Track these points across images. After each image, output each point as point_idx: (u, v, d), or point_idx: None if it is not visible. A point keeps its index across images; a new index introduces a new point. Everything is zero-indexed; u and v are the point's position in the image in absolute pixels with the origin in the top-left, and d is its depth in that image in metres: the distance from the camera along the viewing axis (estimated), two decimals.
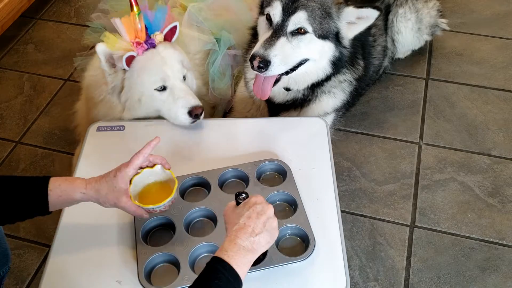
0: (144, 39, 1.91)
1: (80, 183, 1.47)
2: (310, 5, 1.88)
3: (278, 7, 1.88)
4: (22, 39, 3.05)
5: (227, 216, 1.40)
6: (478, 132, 2.45)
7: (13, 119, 2.59)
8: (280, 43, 1.87)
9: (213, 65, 2.33)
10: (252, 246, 1.29)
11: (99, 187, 1.48)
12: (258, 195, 1.41)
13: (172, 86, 1.93)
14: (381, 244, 2.05)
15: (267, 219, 1.34)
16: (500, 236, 2.07)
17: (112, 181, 1.47)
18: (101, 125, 2.00)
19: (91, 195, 1.48)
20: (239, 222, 1.32)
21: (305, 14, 1.87)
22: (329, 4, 1.91)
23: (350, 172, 2.30)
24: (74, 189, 1.46)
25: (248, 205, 1.36)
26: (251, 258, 1.29)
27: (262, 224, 1.32)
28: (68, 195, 1.45)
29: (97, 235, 1.66)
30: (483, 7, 3.13)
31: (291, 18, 1.87)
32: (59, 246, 1.63)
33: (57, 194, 1.44)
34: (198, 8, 2.37)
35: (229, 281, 1.22)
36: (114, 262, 1.59)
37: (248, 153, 1.88)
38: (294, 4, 1.87)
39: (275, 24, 1.89)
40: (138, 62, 1.90)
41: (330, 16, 1.91)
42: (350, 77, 2.15)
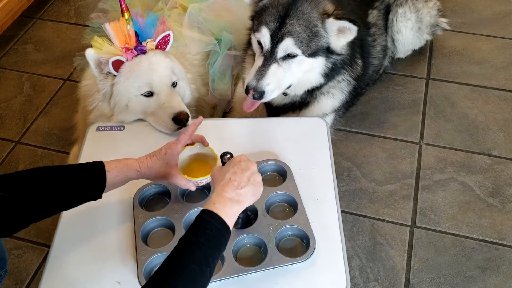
0: (134, 45, 1.91)
1: (133, 163, 1.59)
2: (295, 30, 1.88)
3: (266, 35, 1.90)
4: (22, 39, 3.04)
5: (215, 175, 1.50)
6: (478, 132, 2.45)
7: (13, 119, 2.59)
8: (271, 70, 1.91)
9: (213, 66, 2.32)
10: (238, 198, 1.39)
11: (152, 164, 1.60)
12: (242, 154, 1.51)
13: (159, 92, 1.93)
14: (382, 244, 2.05)
15: (251, 174, 1.44)
16: (501, 236, 2.07)
17: (163, 157, 1.61)
18: (101, 125, 2.00)
19: (145, 172, 1.59)
20: (225, 178, 1.42)
21: (292, 40, 1.89)
22: (315, 22, 1.91)
23: (350, 172, 2.29)
24: (129, 168, 1.57)
25: (233, 163, 1.46)
26: (237, 209, 1.39)
27: (246, 178, 1.42)
28: (124, 174, 1.56)
29: (97, 235, 1.66)
30: (483, 7, 3.12)
31: (279, 45, 1.89)
32: (59, 246, 1.63)
33: (114, 175, 1.53)
34: (198, 9, 2.37)
35: (219, 229, 1.31)
36: (114, 263, 1.59)
37: (248, 153, 1.86)
38: (280, 31, 1.89)
39: (265, 51, 1.92)
40: (126, 67, 1.91)
41: (317, 34, 1.92)
42: (348, 76, 2.15)
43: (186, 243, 1.28)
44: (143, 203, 1.74)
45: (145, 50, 1.93)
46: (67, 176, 1.47)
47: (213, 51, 2.35)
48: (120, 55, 1.89)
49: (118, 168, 1.54)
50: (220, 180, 1.43)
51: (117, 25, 1.87)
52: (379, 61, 2.47)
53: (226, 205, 1.36)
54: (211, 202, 1.36)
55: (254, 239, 1.60)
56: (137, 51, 1.92)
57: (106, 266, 1.58)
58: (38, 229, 2.12)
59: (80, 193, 1.50)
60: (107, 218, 1.70)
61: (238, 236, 1.59)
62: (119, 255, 1.60)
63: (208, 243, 1.28)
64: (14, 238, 2.09)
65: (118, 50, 1.89)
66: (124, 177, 1.56)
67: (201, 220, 1.32)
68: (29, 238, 2.10)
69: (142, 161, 1.60)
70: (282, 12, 1.90)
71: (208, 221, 1.31)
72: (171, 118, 1.91)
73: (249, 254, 1.60)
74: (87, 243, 1.64)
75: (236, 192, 1.39)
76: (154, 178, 1.64)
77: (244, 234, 1.60)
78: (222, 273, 1.51)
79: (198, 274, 1.24)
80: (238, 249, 1.60)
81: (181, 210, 1.68)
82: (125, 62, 1.91)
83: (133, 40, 1.91)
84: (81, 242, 1.64)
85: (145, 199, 1.76)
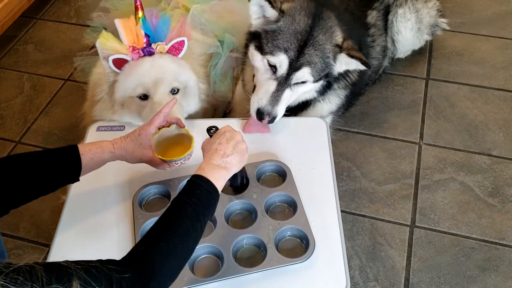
0: (142, 46, 1.87)
1: (107, 144, 1.61)
2: (313, 61, 1.91)
3: (285, 62, 1.90)
4: (22, 39, 3.04)
5: (203, 147, 1.58)
6: (478, 132, 2.45)
7: (13, 119, 2.59)
8: (285, 96, 1.93)
9: (215, 68, 2.31)
10: (225, 165, 1.47)
11: (126, 145, 1.63)
12: (227, 125, 1.60)
13: (154, 97, 1.87)
14: (381, 244, 2.05)
15: (236, 143, 1.53)
16: (500, 236, 2.07)
17: (137, 138, 1.64)
18: (101, 125, 2.00)
19: (119, 153, 1.63)
20: (212, 148, 1.51)
21: (309, 70, 1.91)
22: (328, 53, 1.93)
23: (350, 172, 2.30)
24: (104, 150, 1.60)
25: (219, 134, 1.55)
26: (225, 175, 1.47)
27: (232, 147, 1.51)
28: (99, 157, 1.59)
29: (97, 235, 1.66)
30: (483, 7, 3.13)
31: (295, 73, 1.91)
32: (59, 246, 1.63)
33: (89, 157, 1.56)
34: (201, 10, 2.34)
35: (208, 191, 1.39)
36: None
37: (248, 153, 1.88)
38: (299, 61, 1.89)
39: (279, 76, 1.92)
40: (128, 66, 1.87)
41: (328, 64, 1.95)
42: (343, 84, 2.15)
43: (178, 202, 1.36)
44: (143, 204, 1.75)
45: (153, 52, 1.88)
46: (41, 161, 1.50)
47: (215, 53, 2.33)
48: (125, 53, 1.85)
49: (93, 151, 1.57)
50: (208, 150, 1.52)
51: (127, 22, 1.84)
52: (378, 62, 2.47)
53: (214, 170, 1.44)
54: (200, 168, 1.44)
55: (254, 239, 1.61)
56: (144, 53, 1.87)
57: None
58: (39, 229, 2.12)
59: (56, 177, 1.53)
60: (107, 218, 1.70)
61: (237, 236, 1.60)
62: (119, 255, 1.59)
63: (199, 202, 1.35)
64: (14, 238, 2.09)
65: (123, 48, 1.85)
66: (99, 159, 1.59)
67: (191, 183, 1.40)
68: (29, 238, 2.10)
69: (116, 142, 1.63)
70: (301, 41, 1.89)
71: (198, 184, 1.39)
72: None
73: (249, 254, 1.60)
74: (87, 243, 1.65)
75: (223, 160, 1.47)
76: (130, 160, 1.66)
77: (244, 235, 1.61)
78: (221, 273, 1.51)
79: (190, 229, 1.31)
80: (237, 249, 1.60)
81: None
82: (129, 61, 1.87)
83: (141, 41, 1.86)
84: (81, 242, 1.65)
85: (145, 199, 1.76)
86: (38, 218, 2.16)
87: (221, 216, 1.65)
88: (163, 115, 1.68)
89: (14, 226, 2.13)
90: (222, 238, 1.60)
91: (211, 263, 1.58)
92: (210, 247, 1.58)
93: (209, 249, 1.59)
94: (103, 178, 1.80)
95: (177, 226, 1.31)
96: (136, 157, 1.65)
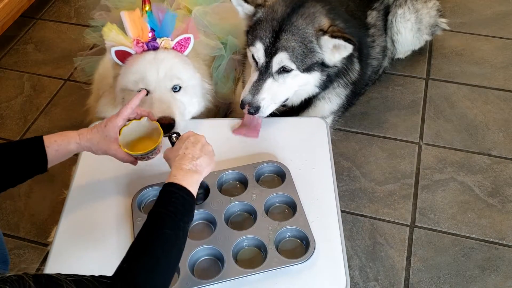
0: (147, 40, 1.86)
1: (73, 135, 1.59)
2: (290, 46, 1.88)
3: (260, 49, 1.90)
4: (22, 39, 3.04)
5: (168, 156, 1.55)
6: (478, 132, 2.45)
7: (13, 119, 2.59)
8: (266, 85, 1.91)
9: (217, 70, 2.30)
10: (196, 168, 1.46)
11: (91, 136, 1.60)
12: (189, 130, 1.59)
13: (154, 91, 1.85)
14: (381, 244, 2.05)
15: (202, 146, 1.52)
16: (500, 236, 2.07)
17: (103, 130, 1.60)
18: None
19: (85, 144, 1.60)
20: (179, 154, 1.49)
21: (286, 55, 1.89)
22: (310, 38, 1.90)
23: (350, 172, 2.30)
24: (69, 141, 1.58)
25: (183, 140, 1.54)
26: (197, 178, 1.45)
27: (199, 150, 1.50)
28: (64, 148, 1.57)
29: (97, 236, 1.66)
30: (483, 7, 3.13)
31: (273, 59, 1.89)
32: (59, 246, 1.63)
33: (54, 149, 1.54)
34: (203, 12, 2.33)
35: (184, 198, 1.37)
36: (113, 264, 1.58)
37: (247, 154, 1.88)
38: (275, 46, 1.89)
39: (260, 65, 1.92)
40: (131, 60, 1.86)
41: (312, 50, 1.91)
42: (344, 83, 2.15)
43: (155, 214, 1.33)
44: (141, 206, 1.74)
45: (158, 47, 1.87)
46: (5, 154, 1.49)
47: (218, 55, 2.32)
48: (128, 46, 1.84)
49: (58, 142, 1.55)
50: (174, 157, 1.49)
51: (132, 15, 1.84)
52: (378, 62, 2.47)
53: (186, 175, 1.42)
54: (172, 176, 1.42)
55: (254, 240, 1.61)
56: (149, 47, 1.86)
57: (106, 267, 1.57)
58: (39, 229, 2.12)
59: (22, 169, 1.52)
60: (107, 220, 1.70)
61: (237, 237, 1.60)
62: (118, 257, 1.59)
63: (176, 210, 1.33)
64: (14, 238, 2.10)
65: (127, 41, 1.84)
66: (65, 150, 1.57)
67: (165, 192, 1.38)
68: (29, 238, 2.11)
69: (82, 133, 1.60)
70: (276, 27, 1.89)
71: (172, 192, 1.37)
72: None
73: (249, 256, 1.60)
74: (87, 244, 1.65)
75: (193, 164, 1.46)
76: (96, 152, 1.64)
77: (243, 236, 1.60)
78: (222, 275, 1.51)
79: (173, 238, 1.30)
80: (238, 251, 1.60)
81: None
82: (132, 55, 1.86)
83: (146, 34, 1.85)
84: (81, 243, 1.65)
85: (143, 201, 1.75)
86: (38, 218, 2.16)
87: (221, 218, 1.65)
88: (131, 106, 1.64)
89: (14, 226, 2.13)
90: (222, 239, 1.60)
91: (211, 265, 1.57)
92: (210, 249, 1.58)
93: (209, 251, 1.58)
94: (102, 179, 1.80)
95: (158, 238, 1.28)
96: (101, 149, 1.62)
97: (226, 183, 1.80)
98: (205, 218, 1.68)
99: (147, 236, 1.29)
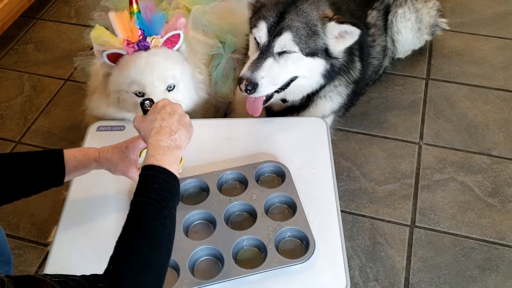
0: (137, 40, 1.86)
1: (93, 153, 1.55)
2: (294, 26, 1.87)
3: (263, 29, 1.89)
4: (22, 39, 3.05)
5: (140, 127, 1.42)
6: (478, 132, 2.45)
7: (13, 119, 2.59)
8: (267, 64, 1.88)
9: (216, 69, 2.31)
10: (175, 143, 1.34)
11: (111, 156, 1.55)
12: (164, 98, 1.46)
13: (150, 94, 1.85)
14: (381, 244, 2.05)
15: (180, 116, 1.40)
16: (500, 236, 2.07)
17: (123, 151, 1.54)
18: (101, 125, 2.00)
19: (104, 163, 1.56)
20: (154, 127, 1.36)
21: (290, 35, 1.87)
22: (314, 21, 1.90)
23: (350, 172, 2.30)
24: (89, 158, 1.54)
25: (158, 109, 1.40)
26: (178, 154, 1.35)
27: (176, 122, 1.38)
28: (83, 165, 1.54)
29: (97, 235, 1.66)
30: (483, 7, 3.12)
31: (276, 39, 1.88)
32: (59, 246, 1.63)
33: (73, 165, 1.51)
34: (202, 11, 2.33)
35: (167, 181, 1.27)
36: None
37: (247, 154, 1.88)
38: (279, 26, 1.88)
39: (261, 45, 1.90)
40: (123, 61, 1.86)
41: (316, 33, 1.90)
42: (345, 81, 2.15)
43: (137, 204, 1.23)
44: None
45: (148, 46, 1.86)
46: (25, 164, 1.47)
47: (217, 54, 2.33)
48: (119, 47, 1.84)
49: (78, 158, 1.52)
50: (149, 130, 1.37)
51: (120, 16, 1.84)
52: (378, 62, 2.47)
53: (165, 154, 1.30)
54: (150, 156, 1.30)
55: (254, 240, 1.61)
56: (140, 47, 1.85)
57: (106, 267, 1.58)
58: (39, 229, 2.12)
59: (39, 180, 1.49)
60: (107, 218, 1.70)
61: (237, 237, 1.60)
62: None
63: (159, 197, 1.23)
64: (14, 238, 2.10)
65: (118, 42, 1.84)
66: (83, 167, 1.54)
67: (145, 177, 1.27)
68: (29, 238, 2.11)
69: (103, 151, 1.56)
70: (281, 8, 1.89)
71: (153, 176, 1.26)
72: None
73: (249, 256, 1.60)
74: (87, 243, 1.65)
75: (171, 138, 1.34)
76: (113, 172, 1.59)
77: (243, 236, 1.61)
78: (221, 275, 1.51)
79: (159, 229, 1.20)
80: (237, 251, 1.60)
81: (179, 211, 1.67)
82: (124, 56, 1.86)
83: (135, 35, 1.85)
84: (81, 242, 1.65)
85: None
86: (38, 218, 2.16)
87: (221, 218, 1.65)
88: None
89: (14, 226, 2.13)
90: (222, 239, 1.60)
91: (211, 265, 1.58)
92: (210, 249, 1.58)
93: (209, 251, 1.59)
94: (102, 179, 1.79)
95: (142, 233, 1.18)
96: (120, 170, 1.57)
97: (226, 183, 1.80)
98: (205, 218, 1.68)
99: (130, 231, 1.19)
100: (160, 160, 1.28)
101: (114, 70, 1.88)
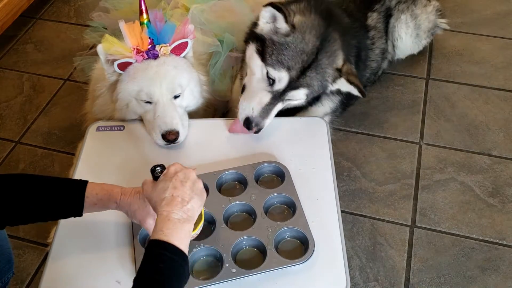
0: (146, 48, 1.88)
1: (116, 194, 1.46)
2: (312, 84, 1.92)
3: (285, 79, 1.88)
4: (22, 39, 3.04)
5: (150, 194, 1.34)
6: (478, 132, 2.45)
7: (13, 119, 2.59)
8: (276, 109, 1.93)
9: (214, 67, 2.31)
10: (187, 214, 1.27)
11: (131, 201, 1.46)
12: (175, 162, 1.38)
13: (157, 102, 1.89)
14: (381, 244, 2.05)
15: (193, 183, 1.33)
16: (501, 236, 2.07)
17: (144, 199, 1.43)
18: (101, 125, 2.00)
19: (123, 207, 1.47)
20: (165, 197, 1.28)
21: (306, 91, 1.92)
22: (327, 77, 1.94)
23: (350, 172, 2.29)
24: (109, 199, 1.46)
25: (169, 176, 1.33)
26: (189, 227, 1.27)
27: (189, 190, 1.30)
28: (102, 204, 1.46)
29: (97, 235, 1.66)
30: (483, 7, 3.12)
31: (292, 92, 1.91)
32: (59, 246, 1.63)
33: (92, 202, 1.44)
34: (200, 10, 2.35)
35: (173, 259, 1.18)
36: (113, 263, 1.59)
37: (246, 154, 1.88)
38: (299, 81, 1.90)
39: (275, 90, 1.90)
40: (132, 69, 1.89)
41: (325, 87, 1.97)
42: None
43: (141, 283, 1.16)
44: None
45: (157, 55, 1.89)
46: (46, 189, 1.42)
47: (215, 53, 2.33)
48: (129, 56, 1.86)
49: (99, 196, 1.45)
50: (160, 200, 1.29)
51: (131, 26, 1.86)
52: (377, 64, 2.46)
53: (176, 229, 1.22)
54: (158, 230, 1.21)
55: (253, 241, 1.61)
56: (149, 55, 1.88)
57: (106, 266, 1.58)
58: (39, 229, 2.12)
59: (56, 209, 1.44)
60: (106, 219, 1.69)
61: (237, 238, 1.60)
62: (118, 257, 1.60)
63: (162, 277, 1.15)
64: (14, 238, 2.09)
65: (128, 51, 1.86)
66: (102, 206, 1.48)
67: (151, 254, 1.19)
68: (29, 238, 2.10)
69: (125, 193, 1.47)
70: (306, 62, 1.88)
71: (158, 254, 1.18)
72: (160, 134, 1.87)
73: (248, 256, 1.60)
74: (87, 243, 1.65)
75: (183, 210, 1.26)
76: (130, 217, 1.51)
77: (243, 236, 1.60)
78: (221, 276, 1.51)
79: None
80: (237, 251, 1.60)
81: None
82: (133, 64, 1.88)
83: (145, 44, 1.87)
84: (81, 242, 1.65)
85: None
86: None
87: (220, 218, 1.65)
88: None
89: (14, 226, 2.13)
90: (221, 240, 1.60)
91: (210, 266, 1.57)
92: (209, 249, 1.58)
93: (209, 252, 1.58)
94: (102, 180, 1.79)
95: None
96: (137, 217, 1.47)
97: (225, 183, 1.80)
98: (204, 219, 1.68)
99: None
100: (168, 235, 1.20)
101: (123, 78, 1.91)
